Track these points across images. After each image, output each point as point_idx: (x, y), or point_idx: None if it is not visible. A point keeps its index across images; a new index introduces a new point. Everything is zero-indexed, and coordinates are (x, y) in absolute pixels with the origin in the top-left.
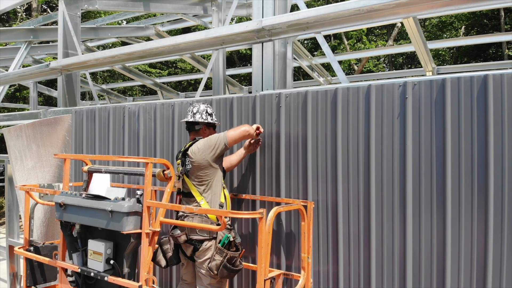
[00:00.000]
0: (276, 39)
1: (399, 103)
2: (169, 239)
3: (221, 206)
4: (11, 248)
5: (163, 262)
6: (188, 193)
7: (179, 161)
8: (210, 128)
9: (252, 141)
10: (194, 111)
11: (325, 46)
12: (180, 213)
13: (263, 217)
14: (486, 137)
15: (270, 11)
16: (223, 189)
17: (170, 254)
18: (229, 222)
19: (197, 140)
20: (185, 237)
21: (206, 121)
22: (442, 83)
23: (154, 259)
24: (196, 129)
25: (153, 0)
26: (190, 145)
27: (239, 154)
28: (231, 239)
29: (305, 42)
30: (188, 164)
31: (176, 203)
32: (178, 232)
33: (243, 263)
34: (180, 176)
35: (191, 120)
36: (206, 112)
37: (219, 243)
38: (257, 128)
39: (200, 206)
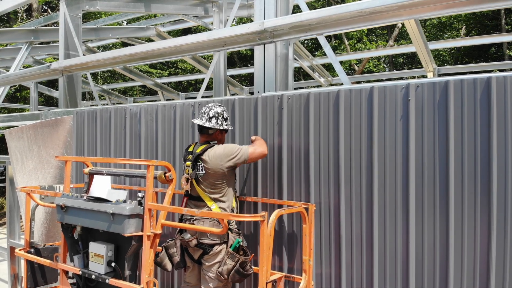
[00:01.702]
0: (278, 41)
1: (401, 105)
2: (175, 243)
3: (232, 210)
4: (12, 249)
5: (169, 266)
6: (197, 197)
7: (188, 163)
8: (223, 131)
9: None
10: (211, 115)
11: (327, 48)
12: (189, 216)
13: (264, 220)
14: (489, 140)
15: (272, 12)
16: (234, 194)
17: (177, 257)
18: (236, 226)
19: (212, 145)
20: (195, 241)
21: (221, 127)
22: (445, 85)
23: (160, 263)
24: (209, 133)
25: (154, 1)
26: (204, 149)
27: None
28: (241, 243)
29: (306, 42)
30: (201, 169)
31: (182, 205)
32: (189, 236)
33: None
34: (189, 179)
35: (206, 125)
36: (222, 116)
37: (230, 247)
38: None
39: (211, 210)
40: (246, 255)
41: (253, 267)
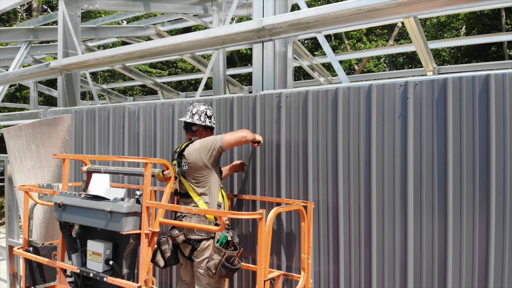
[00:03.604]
0: (277, 39)
1: (400, 103)
2: (167, 239)
3: (219, 206)
4: (11, 248)
5: (161, 262)
6: (185, 193)
7: (175, 161)
8: (208, 130)
9: (239, 163)
10: (194, 112)
11: (326, 46)
12: (178, 213)
13: (262, 217)
14: (487, 137)
15: (271, 10)
16: (220, 189)
17: (168, 254)
18: (228, 222)
19: (193, 141)
20: (183, 237)
21: (203, 123)
22: (444, 83)
23: (153, 259)
24: (193, 130)
25: (153, 0)
26: (186, 146)
27: (223, 170)
28: (229, 238)
29: (306, 42)
30: (184, 165)
31: (174, 203)
32: (176, 232)
33: (243, 263)
34: (176, 176)
35: (189, 120)
36: (206, 114)
37: (217, 242)
38: (258, 141)
39: (197, 206)
40: (236, 250)
41: (249, 264)
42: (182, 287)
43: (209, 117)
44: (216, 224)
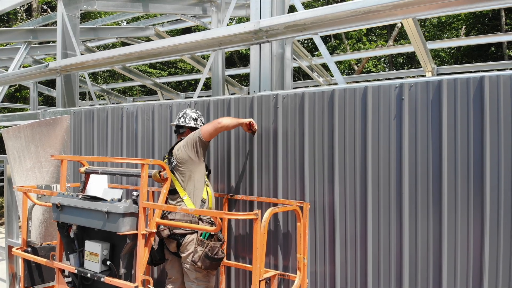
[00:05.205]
0: (274, 40)
1: (395, 105)
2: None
3: (203, 202)
4: (10, 248)
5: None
6: (173, 190)
7: (166, 160)
8: (194, 131)
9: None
10: (180, 116)
11: (322, 47)
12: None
13: (258, 218)
14: (482, 138)
15: (268, 12)
16: (206, 186)
17: (154, 249)
18: (209, 216)
19: (181, 140)
20: (168, 232)
21: (189, 125)
22: (439, 85)
23: None
24: (180, 132)
25: (152, 1)
26: (176, 144)
27: None
28: (212, 232)
29: (306, 42)
30: (173, 161)
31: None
32: (161, 226)
33: (240, 263)
34: None
35: (175, 123)
36: (191, 117)
37: (200, 235)
38: (251, 124)
39: (183, 201)
40: (220, 242)
41: (246, 265)
42: (168, 286)
43: (195, 120)
44: (200, 219)
